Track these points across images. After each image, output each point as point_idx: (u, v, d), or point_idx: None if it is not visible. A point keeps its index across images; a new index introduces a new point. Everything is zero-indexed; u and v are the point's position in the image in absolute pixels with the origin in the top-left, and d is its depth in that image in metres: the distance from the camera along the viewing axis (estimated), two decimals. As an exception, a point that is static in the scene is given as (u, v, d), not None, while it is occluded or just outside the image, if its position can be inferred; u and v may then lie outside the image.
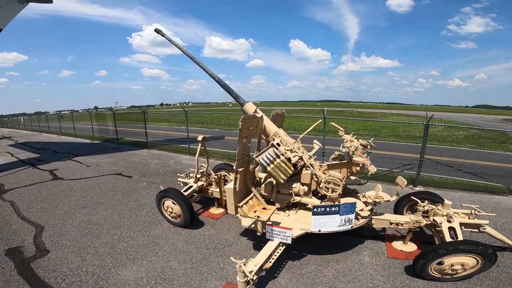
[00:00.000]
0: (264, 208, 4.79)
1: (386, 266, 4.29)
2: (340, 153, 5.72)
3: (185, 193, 5.75)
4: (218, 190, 6.16)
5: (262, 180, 5.19)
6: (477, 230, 4.36)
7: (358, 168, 4.84)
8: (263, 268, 3.67)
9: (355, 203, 4.15)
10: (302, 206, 4.98)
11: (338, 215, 4.05)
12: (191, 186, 6.17)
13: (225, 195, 5.90)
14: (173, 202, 5.41)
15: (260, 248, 4.54)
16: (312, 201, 4.79)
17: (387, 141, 17.18)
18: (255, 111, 5.20)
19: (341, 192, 4.48)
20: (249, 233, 5.24)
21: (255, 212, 4.58)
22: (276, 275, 4.08)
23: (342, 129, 5.47)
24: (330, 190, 4.45)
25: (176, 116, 33.39)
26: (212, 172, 6.53)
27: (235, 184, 4.56)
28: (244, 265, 3.31)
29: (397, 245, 4.87)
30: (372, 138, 5.15)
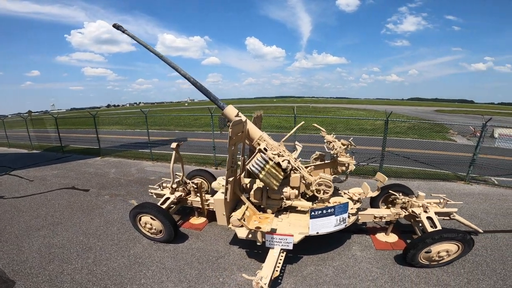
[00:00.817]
0: (260, 217, 4.61)
1: (378, 258, 4.53)
2: (320, 153, 5.87)
3: (163, 206, 5.23)
4: (198, 199, 5.71)
5: (247, 186, 5.01)
6: (448, 218, 4.90)
7: (343, 168, 5.02)
8: (272, 278, 3.51)
9: (348, 203, 4.27)
10: (292, 209, 4.94)
11: (334, 215, 4.11)
12: (168, 198, 5.61)
13: (209, 206, 5.56)
14: (151, 218, 4.86)
15: (255, 256, 4.44)
16: (303, 203, 4.79)
17: (343, 134, 18.53)
18: (237, 115, 4.88)
19: (332, 193, 4.58)
20: (238, 241, 5.01)
21: (255, 222, 4.36)
22: (280, 281, 3.97)
23: (324, 130, 5.61)
24: (322, 192, 4.50)
25: (128, 118, 30.72)
26: (188, 180, 6.08)
27: (226, 194, 4.27)
28: (261, 280, 3.10)
29: (381, 237, 5.20)
30: (352, 138, 5.39)
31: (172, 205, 5.73)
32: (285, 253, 4.07)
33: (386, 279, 4.01)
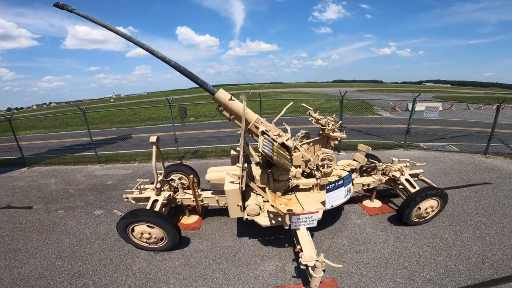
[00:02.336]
0: (282, 200, 4.49)
1: (376, 222, 5.09)
2: (305, 131, 6.06)
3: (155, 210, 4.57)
4: (188, 196, 5.17)
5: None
6: (416, 179, 5.80)
7: (336, 142, 5.29)
8: None
9: (350, 173, 4.58)
10: (295, 188, 4.98)
11: (343, 187, 4.30)
12: (155, 200, 4.89)
13: (203, 202, 5.09)
14: (149, 226, 4.19)
15: (271, 243, 4.51)
16: (309, 181, 4.89)
17: (292, 116, 19.71)
18: (231, 99, 4.48)
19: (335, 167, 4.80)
20: (245, 232, 4.91)
21: (281, 206, 4.22)
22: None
23: (312, 109, 5.77)
24: (326, 166, 4.68)
25: (44, 121, 25.40)
26: (173, 177, 5.49)
27: (241, 183, 3.96)
28: (317, 257, 3.11)
29: (368, 203, 5.83)
30: (335, 115, 5.70)
31: (162, 208, 5.06)
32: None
33: (393, 238, 4.58)
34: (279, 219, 4.03)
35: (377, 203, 5.83)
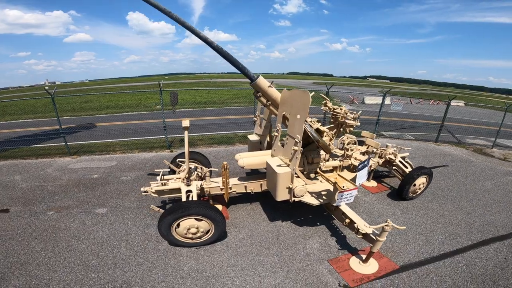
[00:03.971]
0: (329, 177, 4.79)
1: (379, 199, 5.95)
2: (317, 119, 6.48)
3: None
4: (215, 185, 5.11)
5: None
6: (403, 160, 6.84)
7: (351, 128, 5.84)
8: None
9: (369, 156, 5.22)
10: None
11: (366, 167, 4.87)
12: (189, 191, 4.71)
13: (231, 189, 5.10)
14: (196, 219, 4.07)
15: (307, 222, 4.99)
16: (333, 163, 5.33)
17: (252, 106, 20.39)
18: (270, 86, 4.59)
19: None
20: (277, 216, 5.20)
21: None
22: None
23: (328, 99, 6.22)
24: (350, 149, 5.22)
25: None
26: (201, 166, 5.39)
27: (295, 165, 4.11)
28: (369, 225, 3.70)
29: (367, 183, 6.68)
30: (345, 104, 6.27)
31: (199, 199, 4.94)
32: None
33: (399, 212, 5.48)
34: (324, 197, 4.38)
35: (373, 183, 6.73)
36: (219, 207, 5.50)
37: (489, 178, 7.77)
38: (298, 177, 4.63)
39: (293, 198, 4.27)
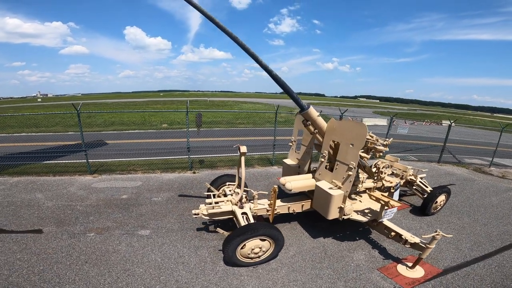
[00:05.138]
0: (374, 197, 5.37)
1: (405, 215, 6.61)
2: None
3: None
4: (261, 206, 5.36)
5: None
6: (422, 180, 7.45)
7: (381, 154, 6.39)
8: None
9: (399, 181, 5.79)
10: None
11: (399, 189, 5.53)
12: (244, 213, 5.01)
13: (276, 210, 5.42)
14: (261, 239, 4.37)
15: (345, 238, 5.47)
16: (369, 184, 5.88)
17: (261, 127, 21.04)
18: (318, 116, 5.18)
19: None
20: (317, 232, 5.65)
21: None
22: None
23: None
24: (384, 172, 5.75)
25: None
26: (249, 189, 5.75)
27: (348, 188, 4.59)
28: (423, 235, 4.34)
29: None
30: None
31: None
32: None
33: (425, 226, 6.14)
34: (369, 214, 4.95)
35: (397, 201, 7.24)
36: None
37: (493, 194, 8.50)
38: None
39: (342, 217, 4.75)
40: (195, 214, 5.05)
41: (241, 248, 4.28)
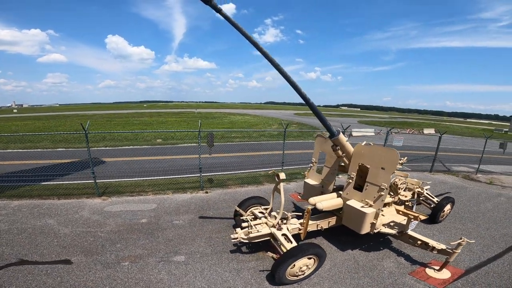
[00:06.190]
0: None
1: (417, 224, 7.06)
2: None
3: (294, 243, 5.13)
4: (293, 226, 5.68)
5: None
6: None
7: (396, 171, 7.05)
8: None
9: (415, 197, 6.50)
10: None
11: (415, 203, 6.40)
12: (284, 235, 5.31)
13: (318, 226, 5.91)
14: (308, 258, 4.78)
15: (369, 249, 6.05)
16: (389, 199, 6.41)
17: (257, 141, 21.65)
18: (347, 141, 5.79)
19: None
20: (340, 246, 6.13)
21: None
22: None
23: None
24: (400, 188, 6.42)
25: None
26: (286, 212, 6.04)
27: (380, 206, 5.19)
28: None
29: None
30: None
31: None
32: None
33: (437, 232, 6.90)
34: (395, 227, 5.60)
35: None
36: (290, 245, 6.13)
37: (486, 200, 9.49)
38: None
39: (374, 231, 5.32)
40: (234, 239, 5.26)
41: (291, 268, 4.61)
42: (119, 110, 61.15)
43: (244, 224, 5.56)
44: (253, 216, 6.17)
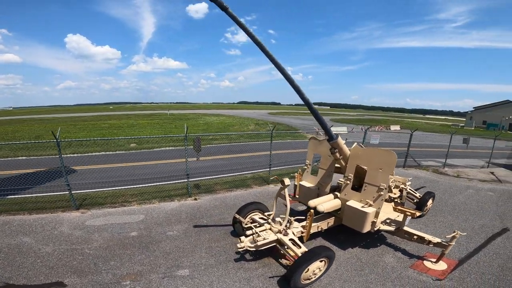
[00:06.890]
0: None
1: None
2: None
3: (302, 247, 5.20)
4: (296, 229, 5.71)
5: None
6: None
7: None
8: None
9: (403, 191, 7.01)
10: None
11: None
12: (292, 239, 5.33)
13: (318, 228, 6.10)
14: (320, 261, 4.87)
15: (366, 246, 6.38)
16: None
17: (240, 142, 21.61)
18: (344, 144, 5.96)
19: None
20: (339, 244, 6.37)
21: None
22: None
23: None
24: (391, 186, 6.83)
25: None
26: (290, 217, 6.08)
27: (380, 205, 5.49)
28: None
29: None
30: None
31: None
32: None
33: (423, 226, 7.46)
34: (392, 223, 6.01)
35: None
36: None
37: (457, 192, 10.51)
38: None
39: (374, 229, 5.60)
40: (240, 248, 5.16)
41: (305, 272, 4.70)
42: (82, 113, 56.55)
43: (248, 232, 5.46)
44: (254, 223, 6.11)
